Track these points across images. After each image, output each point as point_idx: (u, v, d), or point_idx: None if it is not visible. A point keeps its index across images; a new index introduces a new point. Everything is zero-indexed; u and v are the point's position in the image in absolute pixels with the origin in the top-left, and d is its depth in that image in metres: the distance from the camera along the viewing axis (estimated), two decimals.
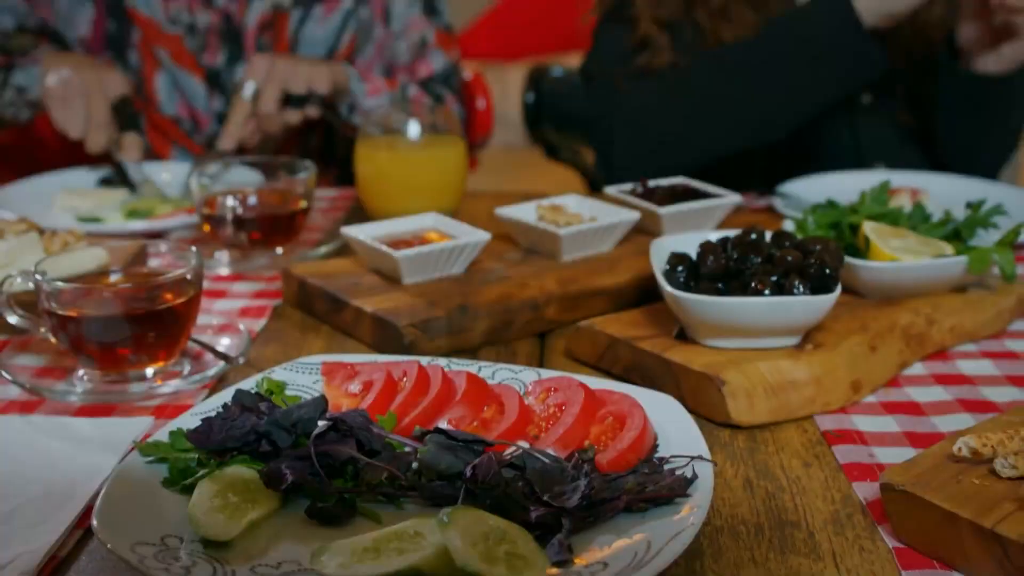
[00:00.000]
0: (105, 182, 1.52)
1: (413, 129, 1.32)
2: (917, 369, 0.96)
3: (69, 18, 1.67)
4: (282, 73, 1.45)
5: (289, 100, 1.48)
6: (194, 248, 0.95)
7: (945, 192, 1.40)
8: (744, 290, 0.90)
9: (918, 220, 1.10)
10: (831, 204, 1.12)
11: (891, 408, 0.88)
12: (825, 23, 1.43)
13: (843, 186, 1.43)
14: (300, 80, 1.46)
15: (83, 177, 1.54)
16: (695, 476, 0.69)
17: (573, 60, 2.20)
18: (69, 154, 1.76)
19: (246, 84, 1.47)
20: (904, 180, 1.45)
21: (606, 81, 1.59)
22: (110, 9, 1.67)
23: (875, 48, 1.41)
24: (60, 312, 0.90)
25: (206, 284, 1.14)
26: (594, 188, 1.84)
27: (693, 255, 0.95)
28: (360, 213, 1.40)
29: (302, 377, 0.86)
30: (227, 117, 1.50)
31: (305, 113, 1.50)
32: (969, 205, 1.10)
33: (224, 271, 1.21)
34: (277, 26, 1.67)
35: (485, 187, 1.74)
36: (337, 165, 1.76)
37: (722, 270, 0.92)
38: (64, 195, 1.43)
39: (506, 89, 4.47)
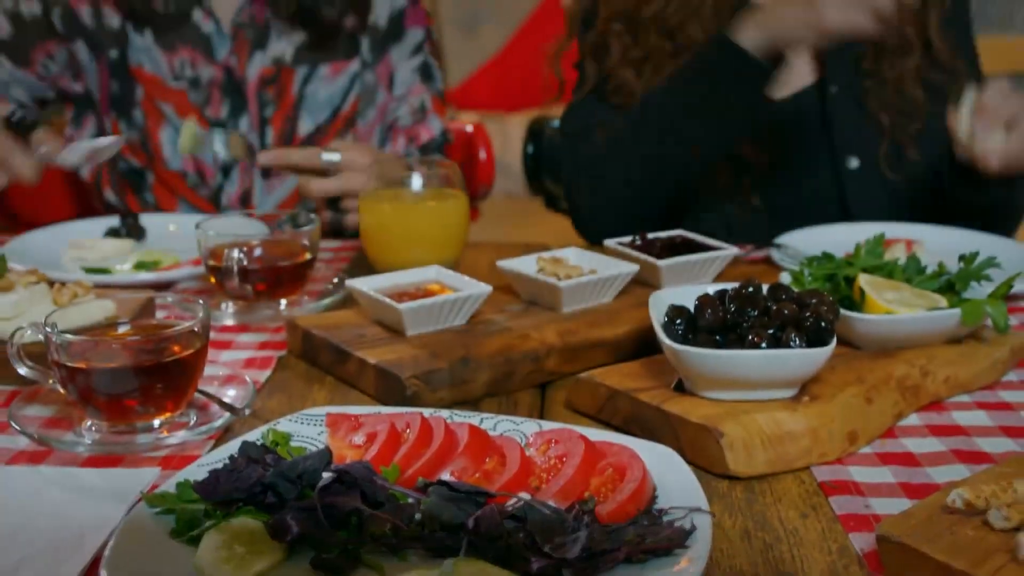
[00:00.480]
0: (112, 232, 1.54)
1: (416, 182, 1.34)
2: (912, 420, 0.97)
3: (92, 81, 1.71)
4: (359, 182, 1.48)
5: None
6: (202, 301, 0.97)
7: (940, 242, 1.42)
8: (741, 343, 0.91)
9: (913, 272, 1.12)
10: (827, 256, 1.14)
11: (887, 459, 0.89)
12: (709, 53, 1.45)
13: (839, 237, 1.45)
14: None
15: (91, 227, 1.56)
16: (694, 527, 0.71)
17: None
18: (78, 203, 1.80)
19: (332, 154, 1.49)
20: (899, 231, 1.47)
21: (570, 133, 1.62)
22: (114, 70, 1.70)
23: (751, 57, 1.39)
24: (69, 364, 0.91)
25: (212, 334, 1.16)
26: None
27: (691, 307, 0.97)
28: (363, 264, 1.42)
29: (307, 428, 0.87)
30: (289, 151, 1.53)
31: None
32: (962, 258, 1.12)
33: (230, 322, 1.23)
34: (282, 82, 1.70)
35: (487, 236, 1.76)
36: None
37: (720, 323, 0.94)
38: (73, 246, 1.46)
39: (507, 139, 4.52)
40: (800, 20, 1.36)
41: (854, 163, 1.59)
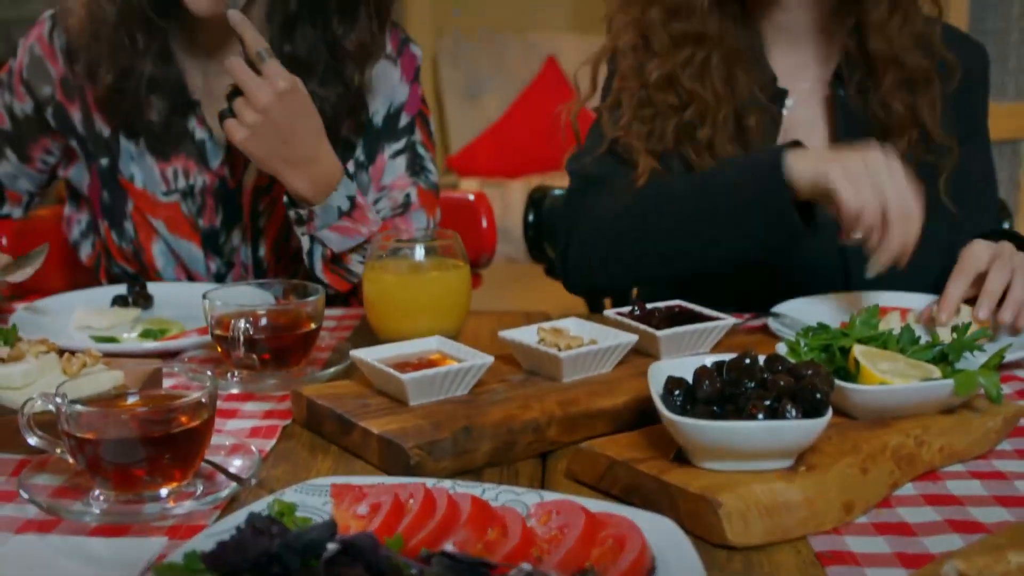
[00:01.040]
0: (119, 300, 1.56)
1: (418, 253, 1.37)
2: (908, 490, 0.99)
3: (79, 178, 1.71)
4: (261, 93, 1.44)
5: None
6: (209, 372, 0.99)
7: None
8: (739, 414, 0.93)
9: (907, 343, 1.14)
10: (822, 327, 1.16)
11: (882, 529, 0.91)
12: (754, 173, 1.44)
13: (835, 306, 1.48)
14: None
15: (99, 295, 1.59)
16: None
17: None
18: (85, 272, 1.82)
19: (264, 53, 1.45)
20: (894, 300, 1.49)
21: (581, 188, 1.64)
22: (104, 179, 1.68)
23: (794, 215, 1.39)
24: (78, 435, 0.93)
25: (218, 403, 1.17)
26: (593, 309, 1.88)
27: (689, 379, 0.99)
28: (366, 332, 1.44)
29: (312, 499, 0.89)
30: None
31: None
32: (955, 329, 1.14)
33: (235, 390, 1.25)
34: (276, 191, 1.67)
35: (489, 301, 1.79)
36: None
37: (717, 394, 0.96)
38: (81, 313, 1.48)
39: (507, 204, 4.57)
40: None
41: (857, 236, 1.61)
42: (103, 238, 1.72)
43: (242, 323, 1.24)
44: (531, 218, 2.01)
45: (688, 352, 1.24)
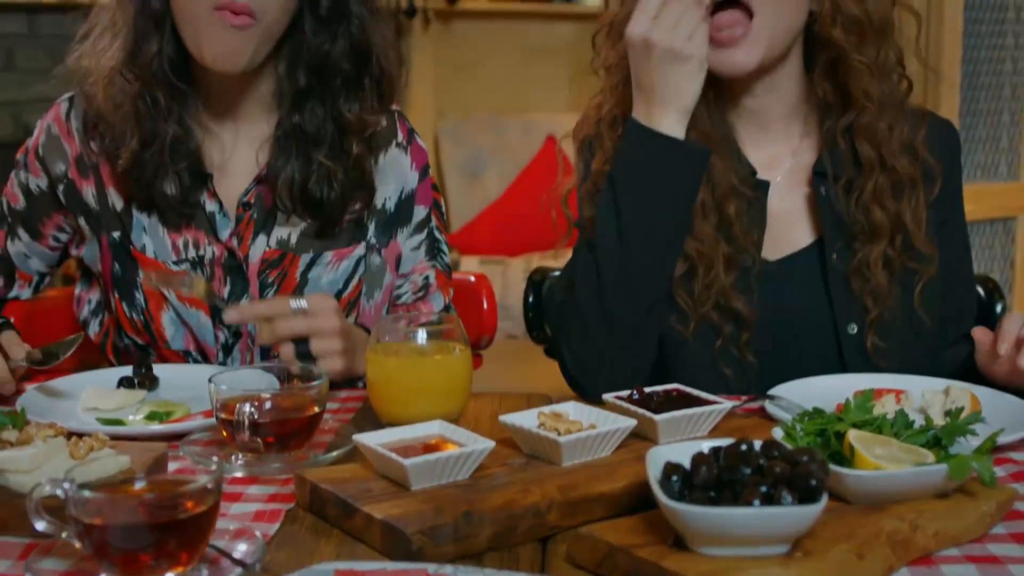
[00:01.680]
0: (125, 382, 1.58)
1: (421, 337, 1.40)
2: (903, 574, 1.00)
3: (91, 255, 1.76)
4: (327, 343, 1.51)
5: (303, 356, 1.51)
6: (215, 458, 1.01)
7: (929, 391, 1.46)
8: (735, 500, 0.95)
9: (901, 427, 1.16)
10: (818, 412, 1.18)
11: None
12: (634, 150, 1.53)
13: (832, 388, 1.49)
14: (334, 361, 1.52)
15: (106, 376, 1.61)
16: None
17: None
18: (94, 349, 1.84)
19: (299, 301, 1.51)
20: (889, 382, 1.51)
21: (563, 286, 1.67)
22: (114, 251, 1.72)
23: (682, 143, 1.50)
24: (85, 520, 0.95)
25: (223, 487, 1.19)
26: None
27: (687, 464, 1.00)
28: (369, 414, 1.46)
29: None
30: (254, 304, 1.56)
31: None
32: (948, 413, 1.17)
33: (239, 473, 1.26)
34: (285, 265, 1.72)
35: (490, 378, 1.81)
36: None
37: (714, 480, 0.98)
38: (88, 395, 1.50)
39: (507, 282, 4.61)
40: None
41: (853, 329, 1.61)
42: (113, 311, 1.75)
43: (247, 407, 1.26)
44: (531, 299, 2.03)
45: (686, 436, 1.26)
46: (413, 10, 5.13)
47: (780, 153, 1.68)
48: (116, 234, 1.72)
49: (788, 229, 1.66)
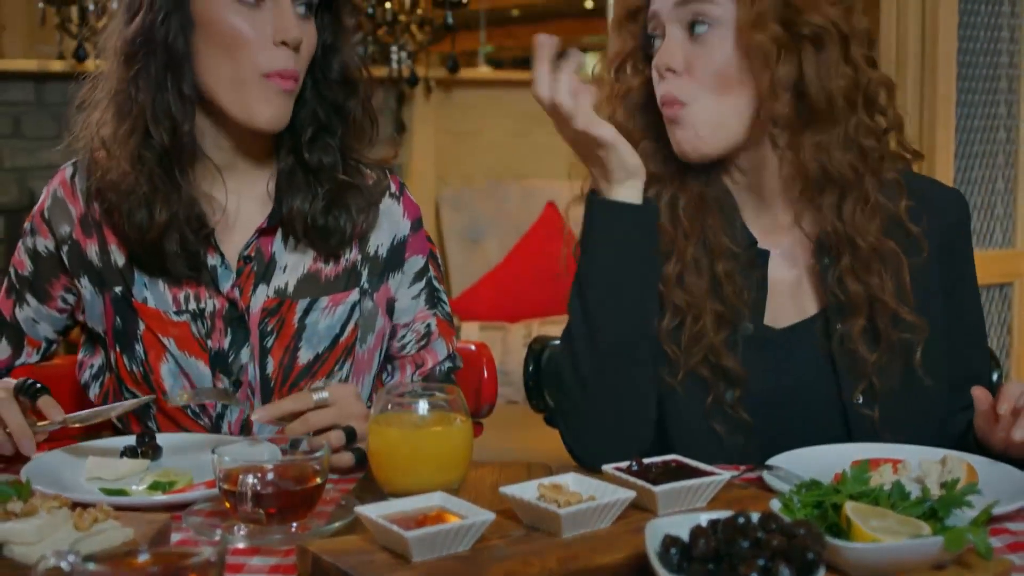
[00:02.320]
0: (128, 452, 1.59)
1: (422, 407, 1.41)
2: None
3: (95, 316, 1.78)
4: (359, 428, 1.55)
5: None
6: (219, 529, 1.02)
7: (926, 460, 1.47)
8: (733, 573, 0.96)
9: (897, 498, 1.17)
10: (815, 483, 1.19)
11: None
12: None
13: (830, 457, 1.50)
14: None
15: (109, 447, 1.62)
16: None
17: None
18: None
19: (320, 392, 1.56)
20: (888, 452, 1.52)
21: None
22: (117, 305, 1.76)
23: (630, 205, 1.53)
24: None
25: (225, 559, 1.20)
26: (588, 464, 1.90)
27: (686, 536, 1.02)
28: (370, 484, 1.47)
29: None
30: (279, 403, 1.59)
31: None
32: (944, 485, 1.18)
33: (242, 544, 1.27)
34: (283, 313, 1.75)
35: (490, 444, 1.82)
36: None
37: (712, 553, 0.99)
38: (92, 464, 1.52)
39: (507, 348, 4.63)
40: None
41: (859, 399, 1.62)
42: (114, 365, 1.78)
43: (250, 478, 1.28)
44: (531, 368, 2.05)
45: (685, 507, 1.27)
46: (415, 79, 5.21)
47: (781, 223, 1.69)
48: (119, 289, 1.76)
49: (792, 299, 1.67)
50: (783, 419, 1.62)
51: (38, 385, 1.62)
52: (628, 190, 1.56)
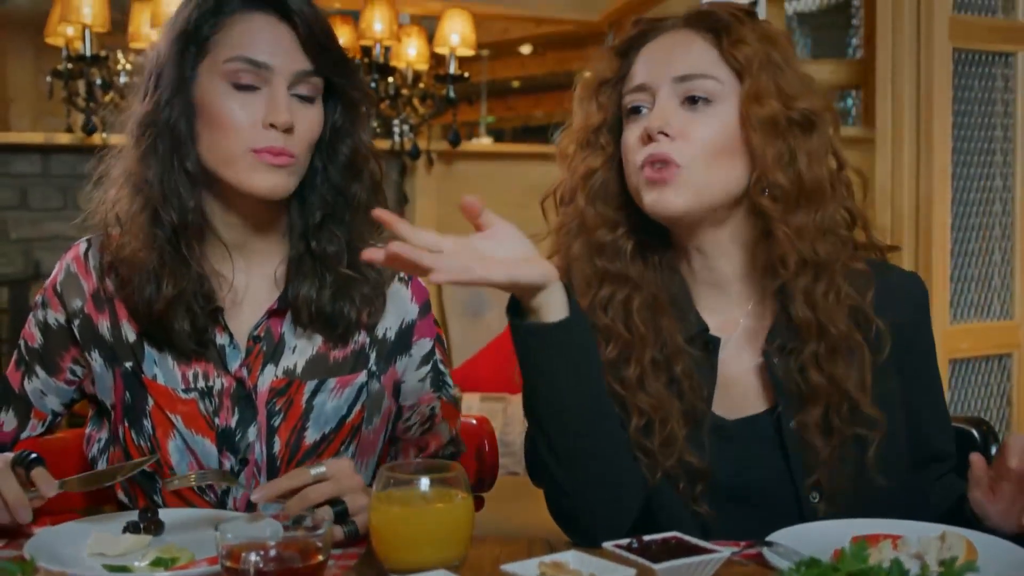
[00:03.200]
0: (131, 527, 1.60)
1: (424, 484, 1.42)
2: None
3: (104, 388, 1.80)
4: (357, 500, 1.57)
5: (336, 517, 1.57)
6: None
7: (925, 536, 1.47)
8: None
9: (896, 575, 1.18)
10: (814, 561, 1.20)
11: None
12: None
13: (830, 534, 1.50)
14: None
15: (111, 523, 1.62)
16: None
17: None
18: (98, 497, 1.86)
19: (318, 468, 1.58)
20: (887, 528, 1.53)
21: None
22: (127, 380, 1.78)
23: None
24: None
25: None
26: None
27: None
28: (371, 561, 1.48)
29: None
30: (277, 481, 1.60)
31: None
32: (943, 563, 1.19)
33: None
34: (291, 393, 1.77)
35: (491, 515, 1.82)
36: None
37: None
38: (94, 540, 1.52)
39: (509, 418, 4.63)
40: None
41: (815, 496, 1.61)
42: (121, 440, 1.79)
43: (252, 556, 1.28)
44: (530, 445, 2.04)
45: None
46: (417, 152, 5.27)
47: (735, 315, 1.69)
48: (129, 364, 1.78)
49: (743, 392, 1.66)
50: (741, 509, 1.61)
51: (33, 455, 1.64)
52: (543, 306, 1.48)
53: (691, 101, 1.61)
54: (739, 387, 1.66)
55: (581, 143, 1.71)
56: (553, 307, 1.46)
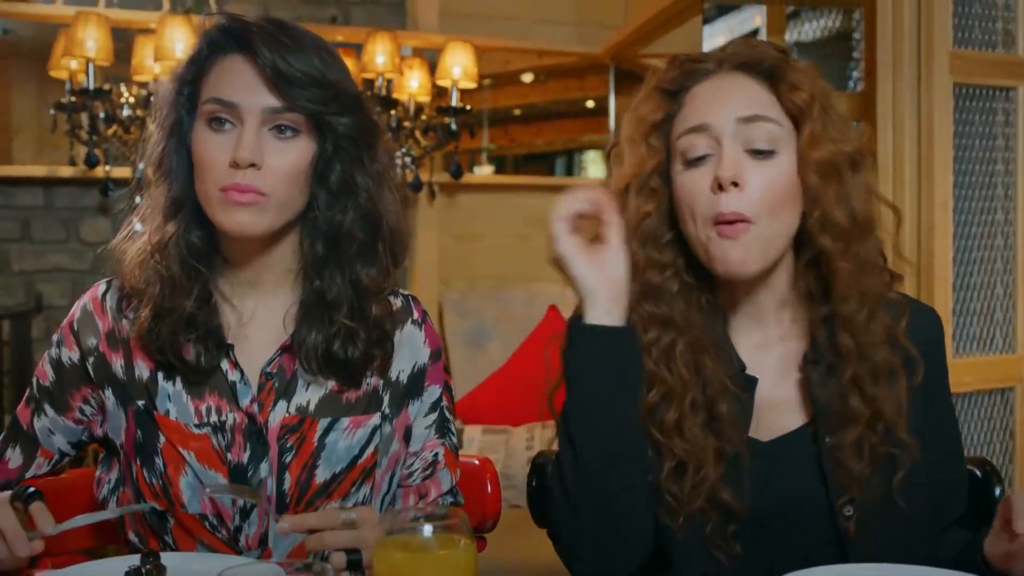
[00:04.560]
0: (133, 572, 1.59)
1: (426, 531, 1.42)
2: None
3: (115, 427, 1.81)
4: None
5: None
6: None
7: None
8: None
9: None
10: None
11: None
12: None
13: None
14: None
15: (115, 566, 1.61)
16: None
17: None
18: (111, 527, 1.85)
19: (350, 513, 1.59)
20: (891, 573, 1.52)
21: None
22: (138, 418, 1.79)
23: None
24: None
25: None
26: None
27: None
28: None
29: None
30: (305, 516, 1.62)
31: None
32: None
33: None
34: (303, 431, 1.79)
35: (493, 551, 1.82)
36: None
37: None
38: None
39: (511, 450, 4.61)
40: None
41: (848, 511, 1.61)
42: (133, 478, 1.79)
43: None
44: (534, 483, 2.05)
45: None
46: (419, 184, 5.28)
47: (770, 341, 1.72)
48: (141, 403, 1.79)
49: (779, 414, 1.68)
50: (774, 531, 1.62)
51: (31, 490, 1.65)
52: (598, 311, 1.60)
53: (755, 153, 1.62)
54: (774, 410, 1.67)
55: (637, 189, 1.70)
56: (612, 317, 1.62)
